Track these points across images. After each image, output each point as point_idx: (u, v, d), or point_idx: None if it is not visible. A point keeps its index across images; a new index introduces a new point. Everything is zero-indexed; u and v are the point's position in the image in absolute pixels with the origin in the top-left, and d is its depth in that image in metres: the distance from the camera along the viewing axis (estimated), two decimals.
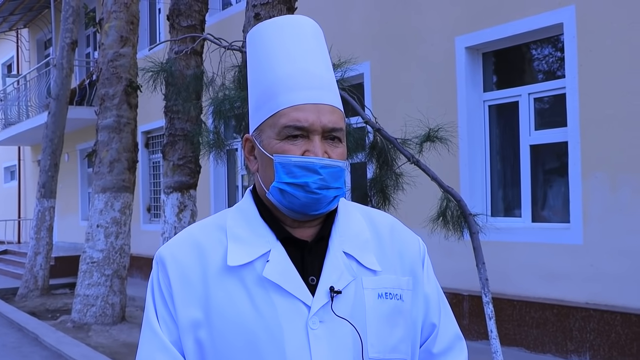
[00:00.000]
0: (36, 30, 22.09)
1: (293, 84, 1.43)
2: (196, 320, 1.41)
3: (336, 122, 1.43)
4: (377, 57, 8.99)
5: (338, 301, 1.41)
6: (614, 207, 6.50)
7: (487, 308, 4.41)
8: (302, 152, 1.40)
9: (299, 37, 1.49)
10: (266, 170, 1.45)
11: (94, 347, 8.19)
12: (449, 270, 7.89)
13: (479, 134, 7.94)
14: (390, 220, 1.61)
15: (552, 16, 6.99)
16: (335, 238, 1.48)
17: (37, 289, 13.05)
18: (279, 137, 1.42)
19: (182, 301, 1.42)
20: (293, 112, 1.41)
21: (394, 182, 5.03)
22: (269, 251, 1.43)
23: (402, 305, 1.49)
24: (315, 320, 1.39)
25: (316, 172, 1.39)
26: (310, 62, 1.46)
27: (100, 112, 10.03)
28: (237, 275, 1.41)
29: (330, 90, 1.46)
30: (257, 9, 5.94)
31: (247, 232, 1.47)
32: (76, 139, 18.58)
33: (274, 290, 1.40)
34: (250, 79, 1.54)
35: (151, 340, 1.44)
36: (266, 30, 1.51)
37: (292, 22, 1.52)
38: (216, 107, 5.31)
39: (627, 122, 6.39)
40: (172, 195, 8.18)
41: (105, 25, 10.12)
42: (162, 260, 1.48)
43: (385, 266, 1.50)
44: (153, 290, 1.48)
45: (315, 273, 1.44)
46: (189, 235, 1.51)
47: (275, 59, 1.47)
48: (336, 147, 1.44)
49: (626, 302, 6.39)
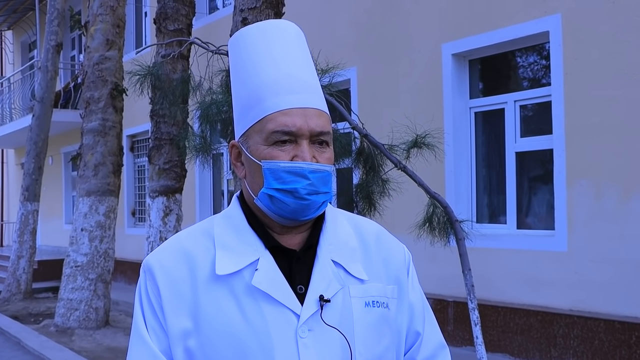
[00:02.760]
0: (20, 32, 21.95)
1: (279, 88, 1.42)
2: (186, 329, 1.40)
3: (323, 125, 1.43)
4: (364, 63, 9.00)
5: (327, 310, 1.41)
6: (598, 214, 6.53)
7: (473, 314, 4.42)
8: (290, 158, 1.39)
9: (283, 42, 1.48)
10: (254, 176, 1.44)
11: (77, 352, 8.13)
12: (433, 276, 7.90)
13: (465, 140, 7.97)
14: (376, 228, 1.60)
15: (538, 24, 7.03)
16: (324, 246, 1.48)
17: (19, 292, 12.95)
18: (267, 143, 1.40)
19: (172, 310, 1.41)
20: (280, 117, 1.39)
21: (381, 188, 5.03)
22: (257, 260, 1.42)
23: (388, 313, 1.50)
24: (304, 329, 1.38)
25: (305, 177, 1.38)
26: (295, 67, 1.45)
27: (86, 115, 9.98)
28: (226, 284, 1.41)
29: (316, 94, 1.46)
30: (245, 14, 5.94)
31: (234, 240, 1.46)
32: (60, 142, 18.47)
33: (263, 299, 1.39)
34: (235, 84, 1.53)
35: (141, 350, 1.43)
36: (249, 35, 1.50)
37: (275, 26, 1.51)
38: (203, 111, 5.30)
39: (612, 131, 6.44)
40: (157, 199, 8.14)
41: (91, 28, 10.07)
42: (149, 268, 1.46)
43: (371, 275, 1.50)
44: (141, 299, 1.46)
45: (303, 282, 1.43)
46: (177, 243, 1.49)
47: (260, 64, 1.46)
48: (324, 151, 1.43)
49: (610, 309, 6.42)
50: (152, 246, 7.84)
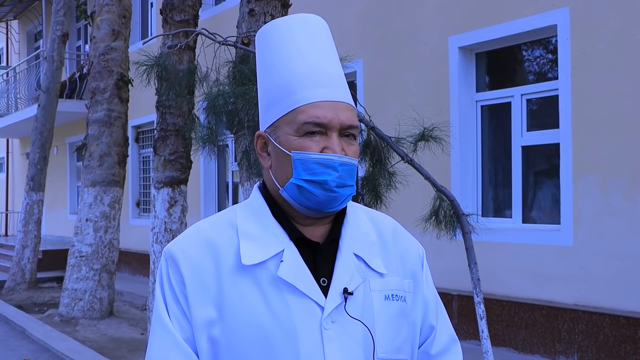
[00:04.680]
0: (26, 22, 21.94)
1: (310, 81, 1.44)
2: (210, 318, 1.41)
3: (352, 119, 1.46)
4: (370, 56, 8.98)
5: (349, 302, 1.43)
6: (604, 209, 6.52)
7: (479, 308, 4.41)
8: (320, 149, 1.41)
9: (310, 36, 1.51)
10: (282, 166, 1.45)
11: (81, 342, 8.16)
12: (439, 270, 7.89)
13: (471, 134, 7.95)
14: (392, 223, 1.63)
15: (546, 18, 7.00)
16: (346, 240, 1.50)
17: (24, 282, 13.00)
18: (298, 134, 1.42)
19: (197, 300, 1.42)
20: (311, 109, 1.42)
21: (387, 180, 5.01)
22: (282, 251, 1.44)
23: (406, 307, 1.53)
24: (328, 320, 1.40)
25: (335, 169, 1.41)
26: (323, 61, 1.48)
27: (91, 105, 9.99)
28: (250, 274, 1.42)
29: (344, 89, 1.49)
30: (252, 5, 5.91)
31: (259, 230, 1.47)
32: (66, 132, 18.49)
33: (287, 290, 1.40)
34: (262, 76, 1.54)
35: (163, 337, 1.43)
36: (276, 29, 1.53)
37: (302, 20, 1.53)
38: (210, 102, 5.28)
39: (619, 125, 6.41)
40: (162, 190, 8.13)
41: (97, 18, 10.07)
42: (172, 256, 1.47)
43: (389, 268, 1.53)
44: (163, 286, 1.46)
45: (326, 274, 1.45)
46: (199, 231, 1.50)
47: (289, 58, 1.47)
48: (351, 144, 1.46)
49: (615, 304, 6.41)
50: (156, 237, 7.83)
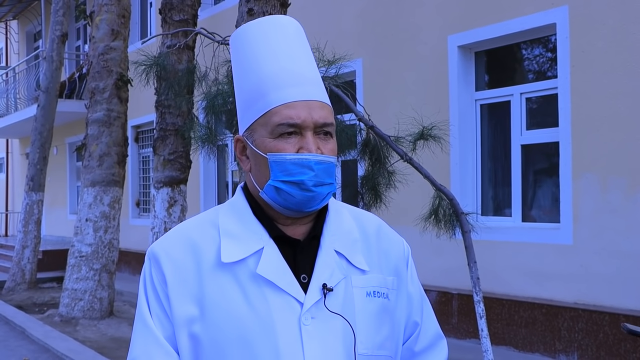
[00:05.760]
0: (25, 22, 21.94)
1: (282, 82, 1.45)
2: (191, 315, 1.42)
3: (327, 117, 1.46)
4: (370, 55, 8.98)
5: (329, 298, 1.44)
6: (604, 208, 6.52)
7: (478, 307, 4.41)
8: (296, 150, 1.42)
9: (283, 37, 1.51)
10: (260, 169, 1.46)
11: (81, 342, 8.15)
12: (438, 269, 7.90)
13: (471, 133, 7.95)
14: (377, 222, 1.64)
15: (545, 16, 7.00)
16: (327, 237, 1.51)
17: (24, 282, 12.99)
18: (272, 136, 1.43)
19: (177, 297, 1.43)
20: (285, 110, 1.42)
21: (386, 179, 5.02)
22: (262, 248, 1.45)
23: (388, 304, 1.54)
24: (308, 316, 1.41)
25: (311, 168, 1.41)
26: (296, 61, 1.48)
27: (91, 105, 9.98)
28: (230, 271, 1.43)
29: (318, 87, 1.49)
30: (251, 4, 5.92)
31: (239, 228, 1.48)
32: (65, 132, 18.49)
33: (267, 287, 1.42)
34: (237, 79, 1.56)
35: (145, 336, 1.45)
36: (250, 31, 1.54)
37: (275, 22, 1.55)
38: (209, 102, 5.29)
39: (618, 124, 6.41)
40: (162, 190, 8.14)
41: (96, 18, 10.06)
42: (155, 256, 1.49)
43: (372, 266, 1.54)
44: (145, 285, 1.48)
45: (306, 271, 1.46)
46: (182, 231, 1.52)
47: (262, 59, 1.49)
48: (327, 142, 1.46)
49: (614, 303, 6.41)
50: (156, 237, 7.84)
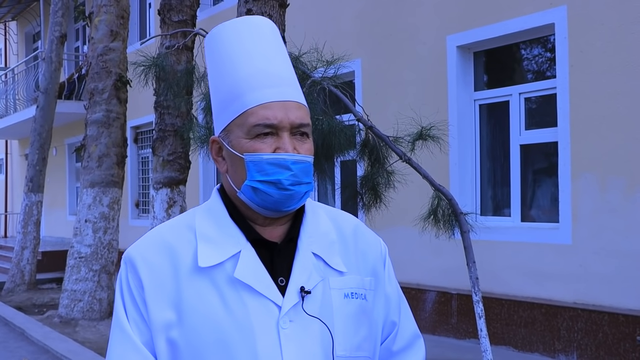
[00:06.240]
0: (24, 23, 21.94)
1: (258, 82, 1.45)
2: (169, 321, 1.41)
3: (303, 117, 1.46)
4: (369, 55, 8.98)
5: (307, 301, 1.44)
6: (603, 207, 6.52)
7: (477, 307, 4.42)
8: (272, 150, 1.42)
9: (259, 38, 1.51)
10: (237, 170, 1.46)
11: (81, 343, 8.15)
12: (437, 269, 7.91)
13: (470, 133, 7.95)
14: (354, 222, 1.64)
15: (543, 16, 7.00)
16: (304, 239, 1.51)
17: (23, 283, 12.98)
18: (249, 136, 1.43)
19: (155, 302, 1.43)
20: (261, 111, 1.42)
21: (386, 180, 5.02)
22: (239, 252, 1.45)
23: (366, 304, 1.53)
24: (286, 319, 1.41)
25: (288, 168, 1.41)
26: (272, 61, 1.48)
27: (90, 106, 9.98)
28: (208, 275, 1.43)
29: (294, 87, 1.49)
30: (249, 5, 5.91)
31: (216, 232, 1.48)
32: (64, 133, 18.48)
33: (245, 291, 1.41)
34: (212, 81, 1.56)
35: (122, 342, 1.44)
36: (225, 31, 1.53)
37: (250, 22, 1.54)
38: (208, 102, 5.28)
39: (617, 123, 6.41)
40: (161, 190, 8.14)
41: (95, 19, 10.06)
42: (131, 261, 1.47)
43: (349, 267, 1.54)
44: (122, 291, 1.47)
45: (284, 274, 1.46)
46: (158, 235, 1.51)
47: (238, 60, 1.48)
48: (304, 142, 1.46)
49: (614, 302, 6.42)
50: None
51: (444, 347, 7.48)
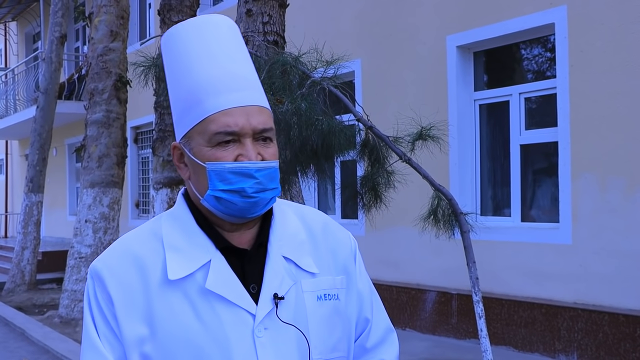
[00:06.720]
0: (24, 23, 21.94)
1: (218, 87, 1.40)
2: (141, 335, 1.37)
3: (266, 122, 1.41)
4: (368, 55, 8.98)
5: (281, 307, 1.41)
6: (603, 207, 6.52)
7: (477, 307, 4.41)
8: (234, 157, 1.38)
9: (219, 38, 1.45)
10: (199, 178, 1.42)
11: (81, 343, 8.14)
12: (438, 269, 7.91)
13: (470, 133, 7.95)
14: (322, 218, 1.61)
15: (543, 16, 7.00)
16: (274, 243, 1.48)
17: (24, 283, 12.98)
18: (210, 144, 1.39)
19: (126, 317, 1.38)
20: (222, 117, 1.38)
21: (386, 180, 5.01)
22: (209, 261, 1.41)
23: (339, 304, 1.51)
24: (261, 328, 1.39)
25: (251, 176, 1.38)
26: (233, 64, 1.43)
27: (90, 106, 9.99)
28: (178, 287, 1.39)
29: (255, 91, 1.44)
30: (249, 5, 5.90)
31: (184, 241, 1.44)
32: (64, 133, 18.49)
33: (217, 302, 1.38)
34: (171, 84, 1.49)
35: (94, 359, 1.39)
36: (183, 32, 1.47)
37: (209, 22, 1.48)
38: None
39: (617, 123, 6.41)
40: (161, 191, 8.14)
41: (95, 19, 10.06)
42: (98, 274, 1.42)
43: (321, 267, 1.51)
44: (91, 306, 1.42)
45: (256, 280, 1.43)
46: (124, 246, 1.46)
47: (197, 62, 1.43)
48: (268, 147, 1.42)
49: (614, 302, 6.41)
50: None
51: (444, 347, 7.48)
